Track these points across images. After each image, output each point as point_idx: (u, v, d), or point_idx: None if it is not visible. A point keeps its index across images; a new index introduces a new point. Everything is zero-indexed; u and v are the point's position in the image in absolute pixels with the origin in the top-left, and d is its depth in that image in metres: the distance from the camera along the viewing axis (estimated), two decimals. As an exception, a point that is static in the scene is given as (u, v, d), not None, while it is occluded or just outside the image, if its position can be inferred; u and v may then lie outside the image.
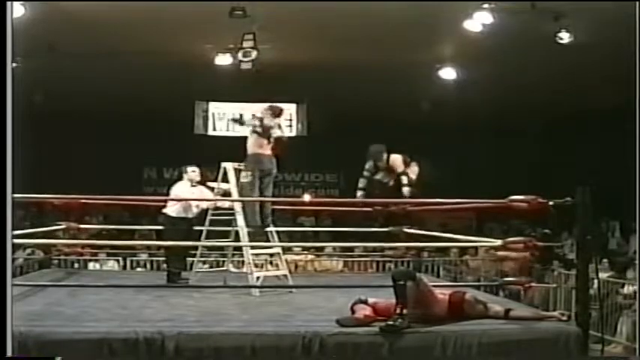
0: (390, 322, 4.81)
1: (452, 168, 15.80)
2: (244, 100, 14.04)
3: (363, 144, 8.62)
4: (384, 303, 5.11)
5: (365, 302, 5.19)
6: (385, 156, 8.36)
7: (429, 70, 12.05)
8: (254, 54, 10.28)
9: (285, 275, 7.27)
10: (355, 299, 5.23)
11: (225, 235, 7.75)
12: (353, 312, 5.13)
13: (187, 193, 7.71)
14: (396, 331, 4.79)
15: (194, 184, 7.78)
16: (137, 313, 5.57)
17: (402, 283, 4.93)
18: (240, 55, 10.40)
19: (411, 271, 6.53)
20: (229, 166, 7.45)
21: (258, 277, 6.88)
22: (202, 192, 7.79)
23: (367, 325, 4.94)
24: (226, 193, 7.52)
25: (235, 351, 4.68)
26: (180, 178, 7.93)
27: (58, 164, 14.56)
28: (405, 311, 4.85)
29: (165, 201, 7.97)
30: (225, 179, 7.49)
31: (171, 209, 7.63)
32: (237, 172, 7.44)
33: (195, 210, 7.68)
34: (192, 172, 7.77)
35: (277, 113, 7.54)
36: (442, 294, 5.27)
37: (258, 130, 7.32)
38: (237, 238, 7.35)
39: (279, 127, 7.49)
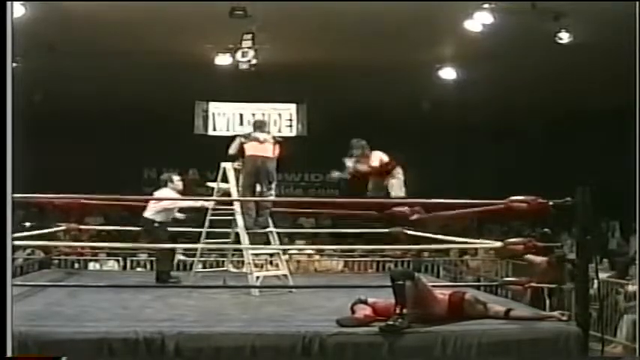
0: (390, 322, 4.81)
1: (451, 168, 15.83)
2: (244, 100, 14.10)
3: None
4: (384, 303, 5.11)
5: (365, 302, 5.19)
6: (366, 151, 8.38)
7: (429, 70, 12.05)
8: (251, 54, 10.28)
9: (285, 275, 7.27)
10: (355, 299, 5.24)
11: (225, 235, 7.76)
12: (353, 312, 5.14)
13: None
14: (396, 331, 4.79)
15: (176, 191, 7.94)
16: (137, 313, 5.57)
17: (400, 282, 4.94)
18: (238, 54, 10.40)
19: (409, 270, 6.54)
20: (229, 166, 7.45)
21: (257, 277, 6.87)
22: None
23: (367, 325, 4.94)
24: (226, 193, 7.53)
25: (235, 351, 4.68)
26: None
27: (58, 164, 14.53)
28: (404, 311, 4.85)
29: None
30: (224, 179, 7.49)
31: (151, 213, 7.74)
32: (237, 172, 7.44)
33: (174, 215, 7.88)
34: (176, 180, 7.97)
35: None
36: (442, 294, 5.27)
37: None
38: (237, 239, 7.35)
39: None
